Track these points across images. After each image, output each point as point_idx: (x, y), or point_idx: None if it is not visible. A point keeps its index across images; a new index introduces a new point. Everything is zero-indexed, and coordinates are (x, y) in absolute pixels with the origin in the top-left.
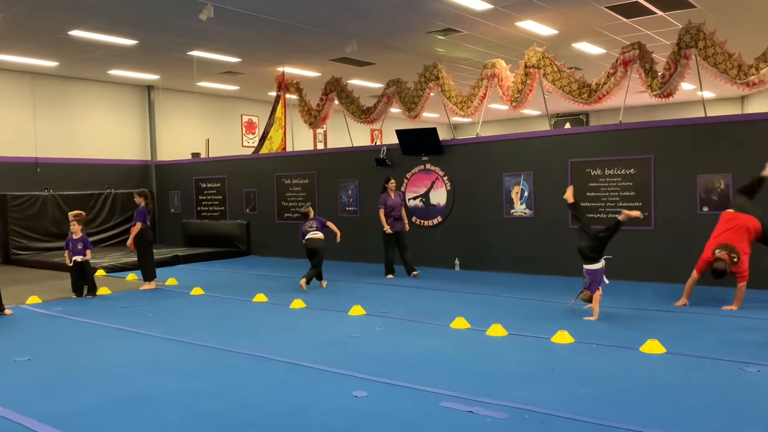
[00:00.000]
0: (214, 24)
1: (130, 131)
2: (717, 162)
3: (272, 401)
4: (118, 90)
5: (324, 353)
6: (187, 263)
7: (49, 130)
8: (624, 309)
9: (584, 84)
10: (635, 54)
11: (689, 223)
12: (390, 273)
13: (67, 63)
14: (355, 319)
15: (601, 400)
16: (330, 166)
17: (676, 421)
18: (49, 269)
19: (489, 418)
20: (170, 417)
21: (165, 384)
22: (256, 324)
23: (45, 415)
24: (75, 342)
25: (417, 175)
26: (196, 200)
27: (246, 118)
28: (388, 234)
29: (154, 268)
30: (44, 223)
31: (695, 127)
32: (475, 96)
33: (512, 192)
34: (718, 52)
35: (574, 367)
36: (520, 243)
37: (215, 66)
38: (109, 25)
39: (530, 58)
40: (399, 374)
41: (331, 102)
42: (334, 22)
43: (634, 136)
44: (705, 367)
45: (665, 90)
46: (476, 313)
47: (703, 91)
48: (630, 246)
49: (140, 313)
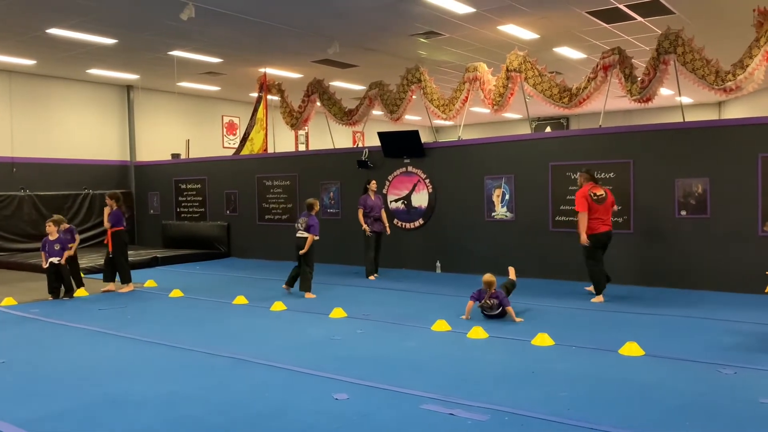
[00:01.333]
0: (196, 24)
1: (109, 131)
2: (695, 166)
3: (252, 404)
4: (97, 89)
5: (304, 356)
6: (166, 265)
7: (26, 129)
8: (604, 312)
9: (565, 88)
10: (615, 59)
11: (668, 227)
12: (373, 274)
13: (45, 61)
14: (335, 322)
15: (581, 402)
16: (312, 167)
17: (653, 422)
18: (25, 270)
19: (470, 420)
20: (147, 420)
21: (142, 387)
22: (235, 326)
23: (18, 419)
24: (50, 344)
25: (399, 178)
26: (176, 201)
27: (227, 119)
28: (368, 235)
29: (129, 271)
30: (20, 224)
31: (674, 131)
32: (457, 99)
33: (493, 195)
34: (696, 58)
35: (554, 369)
36: (501, 245)
37: (196, 66)
38: (89, 23)
39: (512, 62)
40: (380, 377)
41: (313, 103)
42: (317, 23)
43: (614, 140)
44: (682, 370)
45: (644, 95)
46: (457, 316)
47: (682, 97)
48: (608, 250)
49: (118, 315)
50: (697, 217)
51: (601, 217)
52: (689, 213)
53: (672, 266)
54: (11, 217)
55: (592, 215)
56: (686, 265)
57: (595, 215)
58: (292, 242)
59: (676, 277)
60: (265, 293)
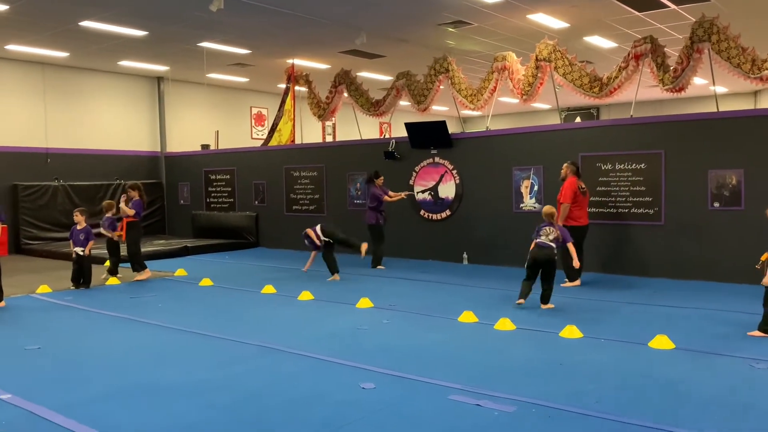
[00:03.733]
0: (224, 15)
1: (139, 122)
2: (729, 157)
3: (280, 392)
4: (128, 81)
5: (332, 345)
6: (196, 254)
7: (59, 120)
8: (634, 304)
9: (595, 78)
10: (647, 48)
11: (700, 219)
12: (379, 264)
13: (78, 54)
14: (362, 312)
15: (609, 395)
16: (339, 158)
17: (683, 416)
18: (59, 259)
19: (496, 411)
20: (178, 407)
21: (174, 374)
22: (264, 315)
23: (55, 403)
24: (84, 331)
25: (426, 169)
26: (206, 192)
27: (255, 110)
28: (376, 226)
29: (142, 259)
30: (54, 214)
31: (707, 122)
32: (486, 89)
33: (522, 186)
34: (731, 46)
35: (582, 361)
36: (529, 237)
37: (225, 57)
38: (120, 15)
39: (541, 51)
40: (406, 367)
41: (340, 94)
42: (344, 14)
43: (645, 130)
44: (714, 364)
45: (677, 84)
46: (484, 307)
47: (716, 86)
48: (639, 241)
49: (149, 304)
50: (730, 209)
51: (585, 208)
52: (722, 205)
53: (704, 259)
54: (45, 206)
55: (578, 206)
56: (719, 258)
57: (581, 207)
58: None
59: (709, 269)
60: (292, 283)
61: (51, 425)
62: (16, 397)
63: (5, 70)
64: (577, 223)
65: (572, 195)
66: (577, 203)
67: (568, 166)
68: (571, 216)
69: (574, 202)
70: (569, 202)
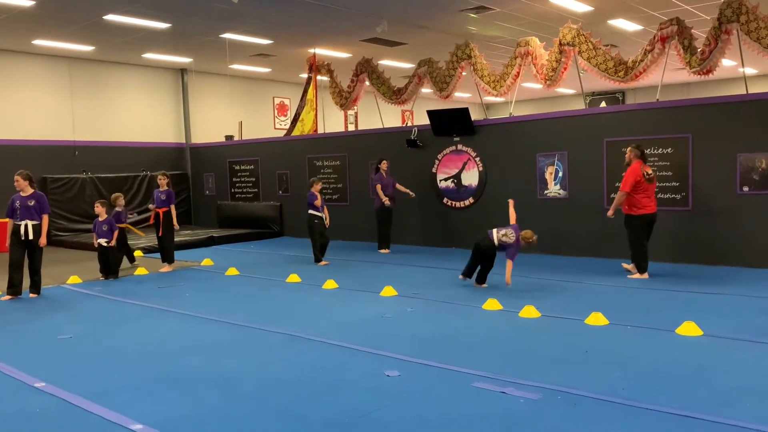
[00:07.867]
0: (246, 6)
1: (164, 114)
2: (759, 140)
3: (306, 380)
4: (152, 73)
5: (356, 333)
6: (221, 244)
7: (86, 113)
8: (661, 291)
9: (620, 61)
10: (673, 30)
11: (729, 203)
12: (385, 248)
13: (103, 47)
14: (386, 300)
15: (636, 383)
16: (361, 147)
17: (711, 403)
18: (87, 250)
19: (522, 398)
20: (207, 396)
21: (202, 363)
22: (289, 304)
23: (87, 391)
24: (114, 321)
25: (448, 156)
26: (230, 182)
27: (278, 100)
28: (384, 210)
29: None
30: (82, 205)
31: (735, 104)
32: (508, 75)
33: (546, 172)
34: (761, 26)
35: (608, 349)
36: (554, 224)
37: (247, 48)
38: (143, 8)
39: (565, 35)
40: (431, 354)
41: (361, 83)
42: (365, 1)
43: (671, 114)
44: (744, 351)
45: (705, 67)
46: (508, 295)
47: (745, 68)
48: (666, 227)
49: (177, 293)
50: (761, 193)
51: (651, 196)
52: (752, 189)
53: (733, 244)
54: (74, 198)
55: (641, 194)
56: (749, 243)
57: (646, 194)
58: (342, 221)
59: (738, 255)
60: (317, 271)
61: (83, 413)
62: (50, 386)
63: (33, 66)
64: (644, 211)
65: (633, 183)
66: (642, 190)
67: (632, 149)
68: (636, 204)
69: (637, 191)
70: (628, 191)
